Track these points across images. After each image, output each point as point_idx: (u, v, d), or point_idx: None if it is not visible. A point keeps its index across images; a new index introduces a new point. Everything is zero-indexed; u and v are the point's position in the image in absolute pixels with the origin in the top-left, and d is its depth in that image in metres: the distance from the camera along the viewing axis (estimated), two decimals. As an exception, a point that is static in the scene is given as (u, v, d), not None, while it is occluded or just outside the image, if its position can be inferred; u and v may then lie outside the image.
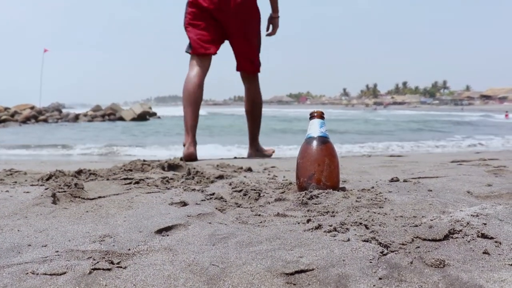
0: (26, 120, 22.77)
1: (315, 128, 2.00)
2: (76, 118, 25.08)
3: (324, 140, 1.97)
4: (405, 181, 2.30)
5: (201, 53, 3.43)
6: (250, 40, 3.37)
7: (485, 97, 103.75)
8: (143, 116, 27.60)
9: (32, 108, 25.31)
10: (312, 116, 2.06)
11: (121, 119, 27.11)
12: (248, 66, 3.62)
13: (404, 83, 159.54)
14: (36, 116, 23.59)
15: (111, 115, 27.86)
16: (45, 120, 23.44)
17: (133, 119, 26.52)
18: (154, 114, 31.64)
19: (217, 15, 3.08)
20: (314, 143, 1.96)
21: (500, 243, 1.15)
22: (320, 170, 1.88)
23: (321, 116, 2.05)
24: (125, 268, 1.02)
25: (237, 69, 3.84)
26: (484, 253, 1.08)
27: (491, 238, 1.18)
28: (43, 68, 35.41)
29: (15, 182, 2.54)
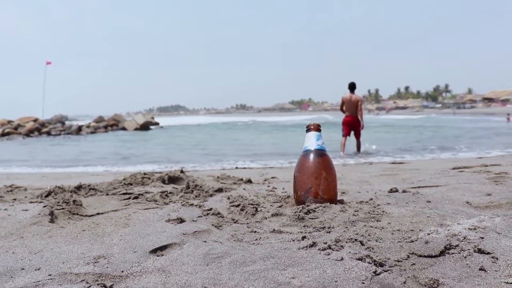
0: (29, 133, 22.85)
1: (311, 141, 2.00)
2: (79, 130, 25.12)
3: (320, 153, 1.96)
4: (404, 191, 2.29)
5: (346, 135, 8.64)
6: (359, 130, 8.61)
7: (488, 100, 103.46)
8: (146, 126, 27.67)
9: (35, 120, 25.39)
10: (308, 129, 2.06)
11: (124, 129, 27.20)
12: (359, 133, 8.72)
13: (406, 88, 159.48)
14: (39, 128, 23.67)
15: (114, 125, 27.95)
16: (48, 133, 23.49)
17: (136, 129, 26.59)
18: (156, 123, 31.72)
19: (351, 123, 8.56)
20: (311, 156, 1.95)
21: (497, 259, 1.13)
22: (317, 184, 1.87)
23: (317, 129, 2.04)
24: (117, 292, 1.01)
25: (355, 136, 8.75)
26: (480, 269, 1.07)
27: (488, 253, 1.17)
28: (45, 80, 35.55)
29: (15, 199, 2.54)
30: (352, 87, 8.58)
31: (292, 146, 11.77)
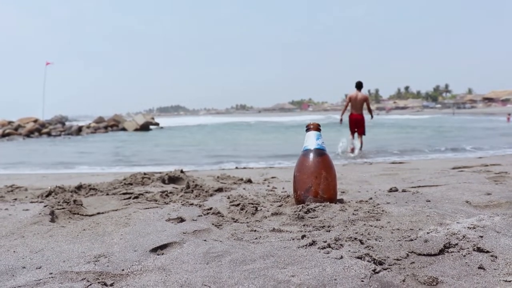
0: (29, 134, 22.84)
1: (311, 141, 2.00)
2: (79, 130, 25.13)
3: (320, 153, 1.97)
4: (403, 191, 2.29)
5: (352, 133, 9.04)
6: (363, 126, 8.96)
7: (488, 100, 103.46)
8: (146, 127, 27.68)
9: (35, 121, 25.38)
10: (308, 129, 2.06)
11: (124, 130, 27.21)
12: (362, 133, 9.01)
13: (406, 88, 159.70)
14: (40, 129, 23.65)
15: (114, 126, 27.95)
16: (49, 133, 23.48)
17: (136, 130, 26.61)
18: (156, 124, 31.71)
19: (355, 120, 8.95)
20: (311, 155, 1.95)
21: (496, 257, 1.14)
22: (317, 183, 1.88)
23: (317, 128, 2.05)
24: (117, 290, 1.02)
25: (358, 133, 9.01)
26: (479, 268, 1.07)
27: (487, 252, 1.17)
28: (45, 80, 35.52)
29: (15, 199, 2.55)
30: (359, 85, 9.03)
31: (293, 146, 11.77)
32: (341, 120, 9.23)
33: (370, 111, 9.18)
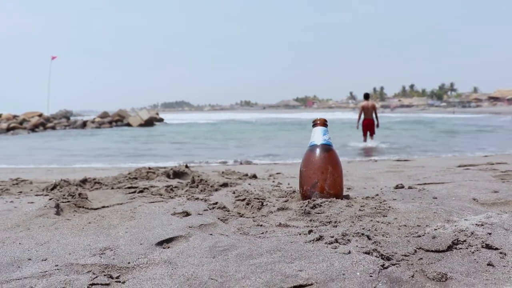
0: (34, 128, 22.93)
1: (318, 136, 1.99)
2: (84, 125, 25.24)
3: (327, 148, 1.95)
4: (410, 187, 2.27)
5: (365, 135, 11.14)
6: (374, 128, 11.00)
7: (493, 99, 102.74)
8: (150, 122, 27.74)
9: (40, 115, 25.49)
10: (315, 124, 2.05)
11: (129, 125, 27.27)
12: (373, 133, 11.05)
13: (411, 86, 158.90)
14: (44, 123, 23.75)
15: (119, 121, 28.02)
16: (53, 128, 23.58)
17: (140, 125, 26.67)
18: (161, 119, 31.74)
19: (368, 124, 10.98)
20: (317, 151, 1.94)
21: (505, 254, 1.12)
22: (323, 179, 1.87)
23: (324, 123, 2.03)
24: (123, 282, 1.01)
25: (370, 134, 11.07)
26: (488, 265, 1.06)
27: (496, 249, 1.16)
28: (50, 75, 35.60)
29: (21, 192, 2.55)
30: (367, 96, 11.21)
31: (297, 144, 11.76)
32: (357, 126, 11.11)
33: (377, 118, 10.90)
